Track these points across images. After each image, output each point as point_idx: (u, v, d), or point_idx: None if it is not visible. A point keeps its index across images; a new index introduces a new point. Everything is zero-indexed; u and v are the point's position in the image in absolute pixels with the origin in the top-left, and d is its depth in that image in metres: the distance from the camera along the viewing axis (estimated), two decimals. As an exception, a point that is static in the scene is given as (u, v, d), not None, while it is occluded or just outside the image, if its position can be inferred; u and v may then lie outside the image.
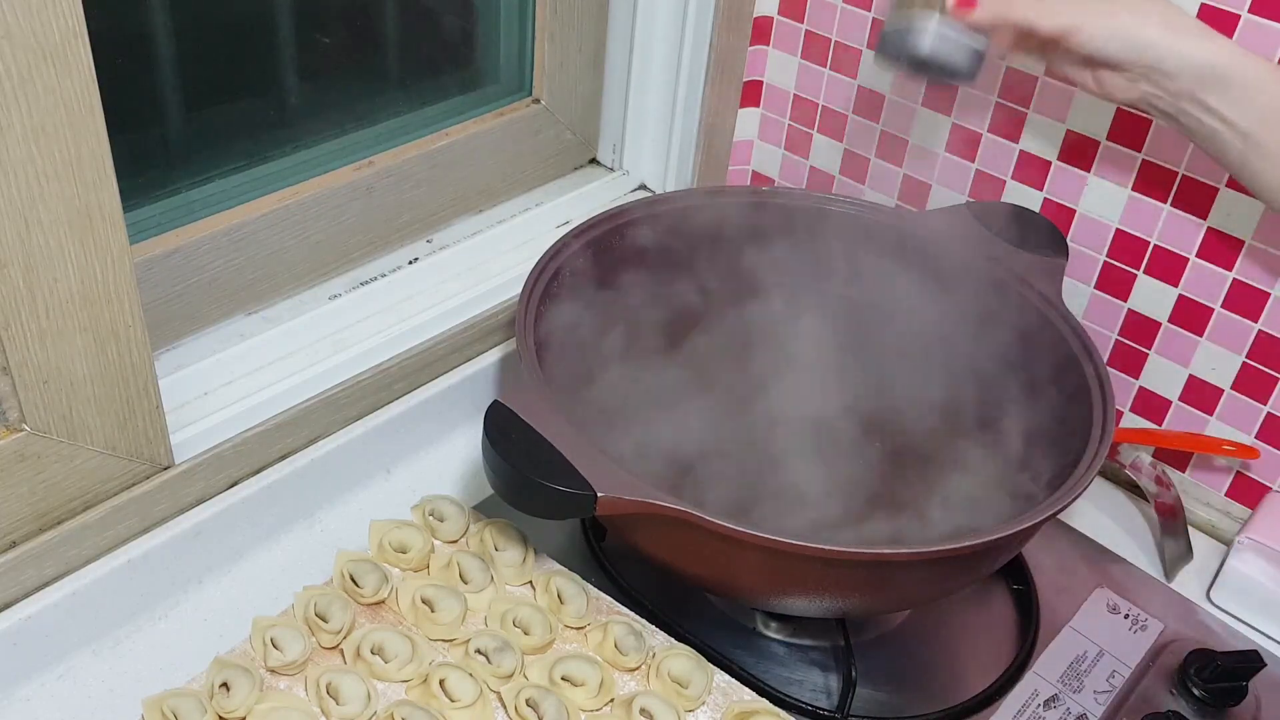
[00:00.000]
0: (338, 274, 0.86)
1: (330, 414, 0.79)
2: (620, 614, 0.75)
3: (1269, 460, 0.85)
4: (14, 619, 0.65)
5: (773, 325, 0.89)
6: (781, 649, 0.76)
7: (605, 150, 1.02)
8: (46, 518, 0.67)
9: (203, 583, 0.75)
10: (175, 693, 0.66)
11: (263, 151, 0.81)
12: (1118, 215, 0.85)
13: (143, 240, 0.73)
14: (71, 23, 0.54)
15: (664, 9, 0.92)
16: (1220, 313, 0.82)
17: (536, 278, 0.78)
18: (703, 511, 0.61)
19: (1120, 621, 0.80)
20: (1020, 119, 0.87)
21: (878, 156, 0.97)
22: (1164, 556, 0.86)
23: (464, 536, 0.79)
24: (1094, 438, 0.70)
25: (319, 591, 0.73)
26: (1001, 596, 0.81)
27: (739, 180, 1.07)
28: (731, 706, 0.70)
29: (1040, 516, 0.64)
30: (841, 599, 0.68)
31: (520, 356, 0.71)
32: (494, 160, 0.93)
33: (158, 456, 0.70)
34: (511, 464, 0.63)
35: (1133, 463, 0.88)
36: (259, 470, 0.76)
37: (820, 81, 0.97)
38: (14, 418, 0.63)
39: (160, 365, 0.73)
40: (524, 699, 0.67)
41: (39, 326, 0.60)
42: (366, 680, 0.67)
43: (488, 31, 0.93)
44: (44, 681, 0.68)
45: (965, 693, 0.74)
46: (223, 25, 0.76)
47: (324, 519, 0.80)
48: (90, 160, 0.58)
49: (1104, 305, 0.88)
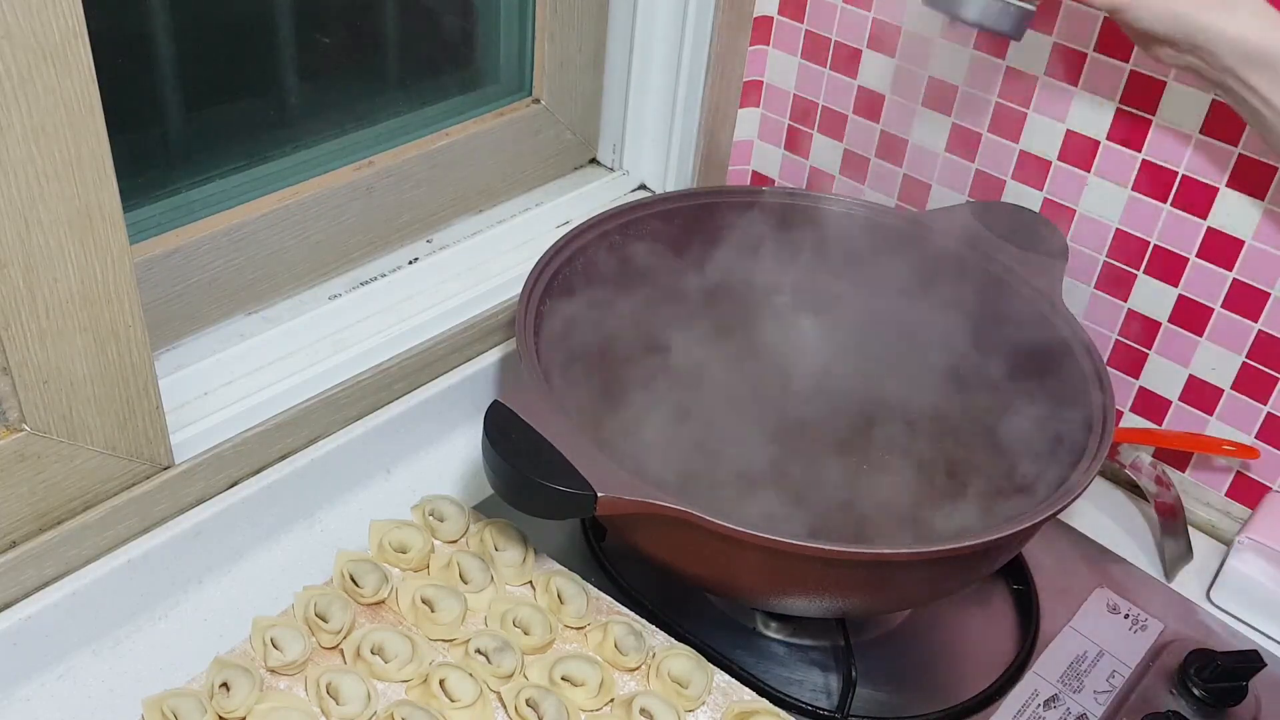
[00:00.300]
0: (338, 274, 0.86)
1: (330, 414, 0.79)
2: (620, 614, 0.75)
3: (1269, 460, 0.85)
4: (14, 619, 0.65)
5: (773, 325, 0.89)
6: (781, 649, 0.76)
7: (605, 150, 1.02)
8: (46, 518, 0.67)
9: (203, 583, 0.75)
10: (175, 693, 0.66)
11: (263, 151, 0.81)
12: (1118, 215, 0.85)
13: (143, 240, 0.73)
14: (71, 23, 0.54)
15: (664, 9, 0.92)
16: (1220, 313, 0.82)
17: (536, 278, 0.78)
18: (703, 511, 0.61)
19: (1120, 621, 0.80)
20: (1021, 118, 0.87)
21: (878, 156, 0.97)
22: (1164, 556, 0.86)
23: (464, 536, 0.79)
24: (1094, 438, 0.71)
25: (319, 591, 0.73)
26: (1001, 596, 0.81)
27: (739, 180, 1.07)
28: (731, 706, 0.70)
29: (1040, 516, 0.65)
30: (841, 599, 0.68)
31: (520, 356, 0.71)
32: (494, 160, 0.93)
33: (158, 456, 0.70)
34: (511, 464, 0.63)
35: (1133, 463, 0.88)
36: (259, 470, 0.76)
37: (820, 81, 0.97)
38: (14, 418, 0.63)
39: (160, 365, 0.73)
40: (524, 699, 0.67)
41: (39, 326, 0.60)
42: (366, 680, 0.67)
43: (488, 31, 0.93)
44: (44, 681, 0.68)
45: (965, 693, 0.74)
46: (223, 25, 0.76)
47: (324, 519, 0.80)
48: (90, 160, 0.58)
49: (1104, 305, 0.88)
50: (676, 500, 0.62)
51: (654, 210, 0.86)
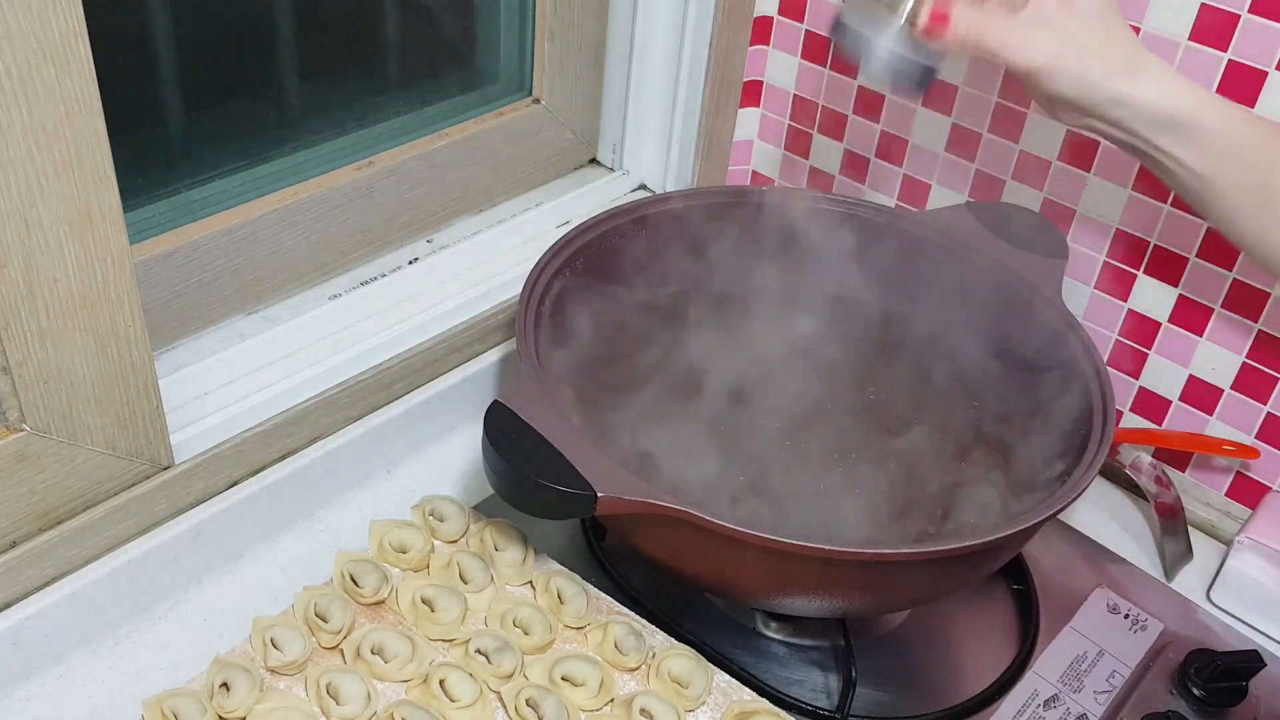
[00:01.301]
0: (338, 274, 0.86)
1: (330, 414, 0.79)
2: (620, 614, 0.75)
3: (1269, 460, 0.85)
4: (14, 619, 0.65)
5: (773, 326, 0.89)
6: (781, 649, 0.76)
7: (605, 150, 1.02)
8: (46, 518, 0.67)
9: (203, 583, 0.75)
10: (175, 693, 0.65)
11: (263, 151, 0.81)
12: (1117, 215, 0.85)
13: (143, 240, 0.73)
14: (71, 23, 0.54)
15: (664, 9, 0.92)
16: (1220, 313, 0.82)
17: (536, 278, 0.78)
18: (703, 511, 0.61)
19: (1120, 621, 0.80)
20: (1020, 119, 0.87)
21: (878, 156, 0.97)
22: (1164, 556, 0.86)
23: (464, 536, 0.79)
24: (1094, 438, 0.70)
25: (319, 591, 0.73)
26: (1001, 596, 0.81)
27: (739, 180, 1.07)
28: (731, 706, 0.70)
29: (1040, 516, 0.64)
30: (841, 599, 0.68)
31: (520, 356, 0.71)
32: (494, 160, 0.93)
33: (158, 456, 0.70)
34: (511, 464, 0.63)
35: (1133, 463, 0.88)
36: (259, 470, 0.76)
37: (820, 81, 0.97)
38: (14, 418, 0.63)
39: (160, 365, 0.73)
40: (524, 699, 0.67)
41: (39, 326, 0.60)
42: (366, 680, 0.67)
43: (488, 31, 0.93)
44: (44, 681, 0.68)
45: (965, 693, 0.74)
46: (223, 25, 0.76)
47: (324, 519, 0.80)
48: (90, 160, 0.58)
49: (1104, 305, 0.88)
50: (676, 500, 0.62)
51: (654, 210, 0.86)
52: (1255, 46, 0.74)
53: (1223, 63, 0.75)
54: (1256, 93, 0.75)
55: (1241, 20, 0.74)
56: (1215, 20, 0.74)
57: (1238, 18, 0.74)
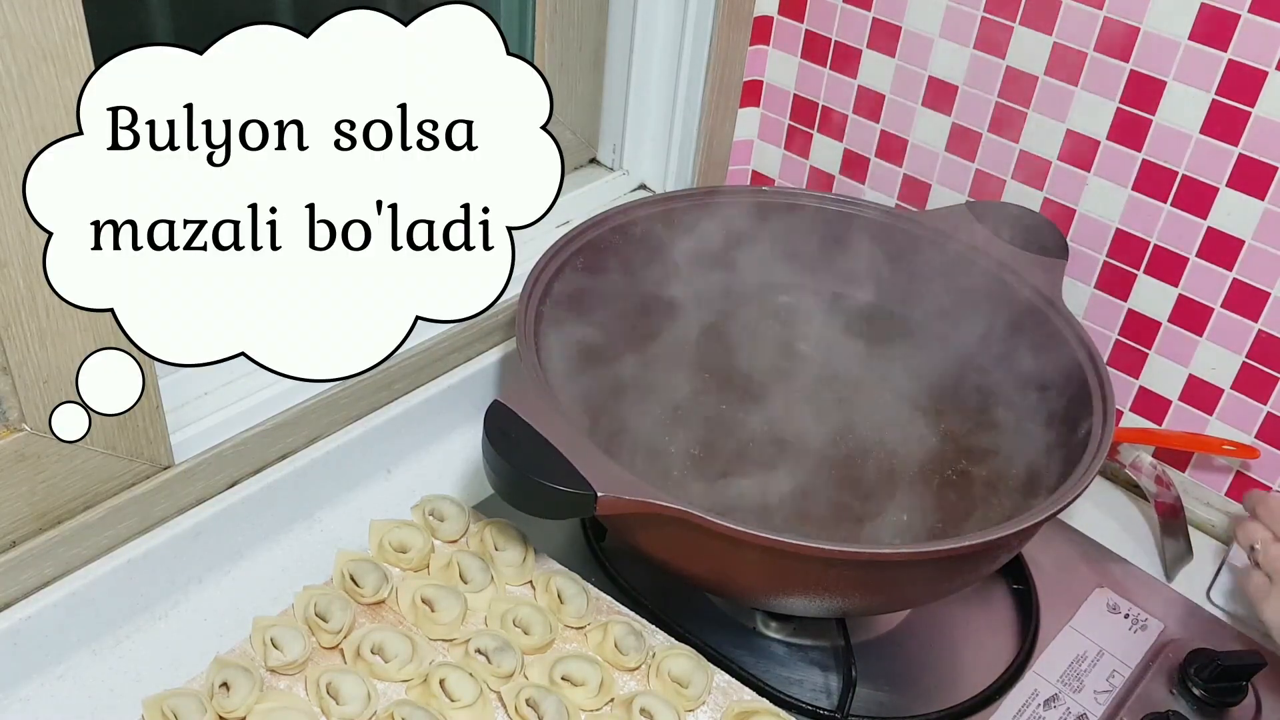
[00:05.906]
0: (338, 274, 0.85)
1: (330, 414, 0.79)
2: (620, 614, 0.75)
3: (1269, 460, 0.85)
4: (14, 619, 0.65)
5: (773, 325, 0.89)
6: (781, 649, 0.76)
7: (605, 150, 1.02)
8: (46, 518, 0.67)
9: (203, 583, 0.75)
10: (175, 693, 0.65)
11: (263, 151, 0.80)
12: (1118, 215, 0.85)
13: (143, 240, 0.73)
14: (71, 23, 0.54)
15: (664, 9, 0.92)
16: (1220, 313, 0.82)
17: (536, 278, 0.78)
18: (702, 511, 0.61)
19: (1120, 621, 0.80)
20: (1020, 119, 0.87)
21: (878, 156, 0.97)
22: (1164, 556, 0.86)
23: (464, 536, 0.79)
24: (1094, 438, 0.70)
25: (319, 591, 0.73)
26: (1001, 596, 0.81)
27: (739, 180, 1.07)
28: (731, 706, 0.70)
29: (1040, 516, 0.64)
30: (841, 599, 0.68)
31: (520, 356, 0.71)
32: (494, 160, 0.93)
33: (158, 456, 0.70)
34: (511, 464, 0.63)
35: (1133, 463, 0.88)
36: (259, 470, 0.76)
37: (820, 81, 0.97)
38: (14, 418, 0.63)
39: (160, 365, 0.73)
40: (524, 699, 0.67)
41: (39, 326, 0.60)
42: (366, 680, 0.67)
43: (488, 31, 0.93)
44: (44, 681, 0.68)
45: (965, 693, 0.74)
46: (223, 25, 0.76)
47: (324, 519, 0.80)
48: (90, 160, 0.57)
49: (1104, 305, 0.88)
50: (676, 500, 0.62)
51: (654, 210, 0.86)
52: (1255, 46, 0.74)
53: (1223, 63, 0.75)
54: (1256, 93, 0.75)
55: (1241, 20, 0.74)
56: (1215, 20, 0.74)
57: (1238, 18, 0.74)
